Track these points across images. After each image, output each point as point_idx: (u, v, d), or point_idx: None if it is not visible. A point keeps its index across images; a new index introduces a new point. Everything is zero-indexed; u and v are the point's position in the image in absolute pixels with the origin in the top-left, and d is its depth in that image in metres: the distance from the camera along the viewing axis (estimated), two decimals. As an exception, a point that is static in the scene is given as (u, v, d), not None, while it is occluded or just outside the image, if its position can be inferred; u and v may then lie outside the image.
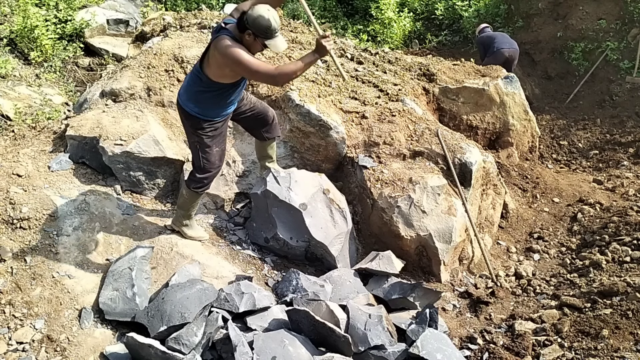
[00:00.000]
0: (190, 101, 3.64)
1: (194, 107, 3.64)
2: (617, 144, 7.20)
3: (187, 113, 3.67)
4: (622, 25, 8.64)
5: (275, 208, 4.25)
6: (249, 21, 3.31)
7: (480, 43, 7.90)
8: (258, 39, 3.36)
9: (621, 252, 4.60)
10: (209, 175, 3.89)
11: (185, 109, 3.67)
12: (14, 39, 7.16)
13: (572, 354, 3.58)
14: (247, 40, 3.38)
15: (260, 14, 3.29)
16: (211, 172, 3.88)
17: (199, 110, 3.64)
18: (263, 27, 3.31)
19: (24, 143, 4.69)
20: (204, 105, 3.63)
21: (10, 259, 3.64)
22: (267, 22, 3.30)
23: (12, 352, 3.24)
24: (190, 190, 3.93)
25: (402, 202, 4.44)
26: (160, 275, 3.81)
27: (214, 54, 3.41)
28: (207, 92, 3.57)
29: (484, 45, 7.77)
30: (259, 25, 3.30)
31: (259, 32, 3.33)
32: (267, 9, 3.32)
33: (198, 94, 3.60)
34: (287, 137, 4.87)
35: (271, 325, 3.50)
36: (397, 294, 4.01)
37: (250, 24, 3.31)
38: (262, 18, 3.29)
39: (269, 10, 3.32)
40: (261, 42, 3.38)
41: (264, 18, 3.29)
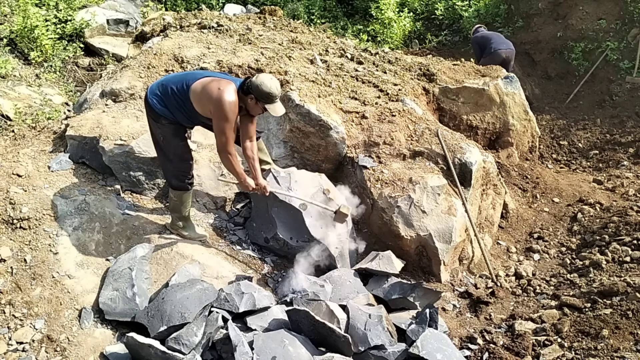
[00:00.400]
0: (157, 102, 3.74)
1: (159, 107, 3.73)
2: (617, 144, 7.20)
3: (150, 106, 3.76)
4: (622, 25, 8.65)
5: (275, 208, 4.24)
6: (253, 87, 3.60)
7: (476, 43, 7.87)
8: (259, 102, 3.64)
9: (621, 252, 4.60)
10: (180, 169, 3.90)
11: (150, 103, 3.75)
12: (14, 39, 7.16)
13: (572, 354, 3.58)
14: (250, 103, 3.67)
15: (264, 82, 3.60)
16: (181, 166, 3.90)
17: (162, 110, 3.73)
18: (265, 93, 3.60)
19: (24, 143, 4.69)
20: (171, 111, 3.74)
21: (10, 259, 3.64)
22: (269, 89, 3.60)
23: (12, 352, 3.24)
24: (174, 191, 3.96)
25: (402, 202, 4.44)
26: (160, 275, 3.81)
27: (210, 89, 3.57)
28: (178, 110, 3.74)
29: (479, 45, 7.74)
30: (262, 91, 3.59)
31: (260, 97, 3.62)
32: (271, 78, 3.64)
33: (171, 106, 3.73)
34: (287, 137, 4.87)
35: (271, 325, 3.50)
36: (397, 294, 4.01)
37: (254, 90, 3.60)
38: (264, 86, 3.59)
39: (271, 79, 3.64)
40: (262, 106, 3.67)
41: (266, 86, 3.60)
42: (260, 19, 6.81)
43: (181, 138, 3.86)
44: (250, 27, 6.21)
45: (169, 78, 3.83)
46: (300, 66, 5.46)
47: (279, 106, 3.70)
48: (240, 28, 6.14)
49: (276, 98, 3.65)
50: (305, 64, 5.60)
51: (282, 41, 6.02)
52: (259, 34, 6.08)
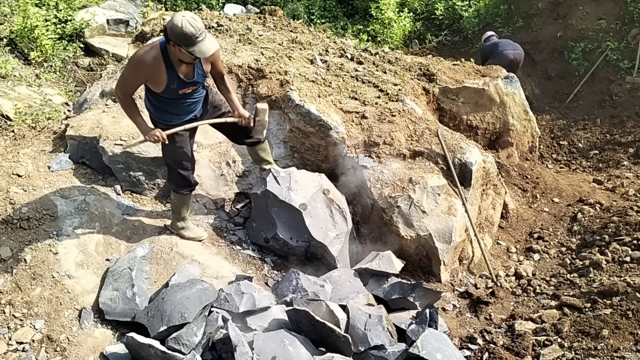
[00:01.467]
0: (146, 105, 3.73)
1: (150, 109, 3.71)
2: (617, 144, 7.20)
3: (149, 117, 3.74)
4: (622, 25, 8.64)
5: (275, 208, 4.24)
6: (168, 30, 3.17)
7: (483, 51, 7.87)
8: (182, 48, 3.20)
9: (621, 252, 4.60)
10: (181, 173, 3.87)
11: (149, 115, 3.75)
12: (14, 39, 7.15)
13: (572, 354, 3.58)
14: (173, 50, 3.26)
15: (174, 23, 3.12)
16: (181, 170, 3.87)
17: (154, 113, 3.71)
18: (180, 35, 3.13)
19: (24, 143, 4.69)
20: (155, 110, 3.69)
21: (10, 259, 3.64)
22: (181, 29, 3.11)
23: (12, 352, 3.24)
24: (175, 193, 3.96)
25: (402, 202, 4.44)
26: (160, 275, 3.81)
27: None
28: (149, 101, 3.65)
29: (486, 54, 7.73)
30: (176, 34, 3.14)
31: (178, 41, 3.17)
32: (183, 15, 3.14)
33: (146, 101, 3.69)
34: (287, 137, 4.87)
35: (271, 325, 3.50)
36: (397, 294, 4.01)
37: (170, 35, 3.17)
38: (176, 27, 3.12)
39: (183, 16, 3.13)
40: (186, 51, 3.20)
41: (178, 27, 3.11)
42: (260, 19, 6.80)
43: (180, 143, 3.78)
44: (250, 27, 6.21)
45: None
46: (300, 66, 5.46)
47: (204, 45, 3.18)
48: (240, 28, 6.14)
49: (197, 37, 3.14)
50: (305, 64, 5.60)
51: (282, 41, 6.02)
52: (259, 34, 6.08)
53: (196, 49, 3.18)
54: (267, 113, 4.06)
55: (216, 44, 3.30)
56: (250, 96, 5.06)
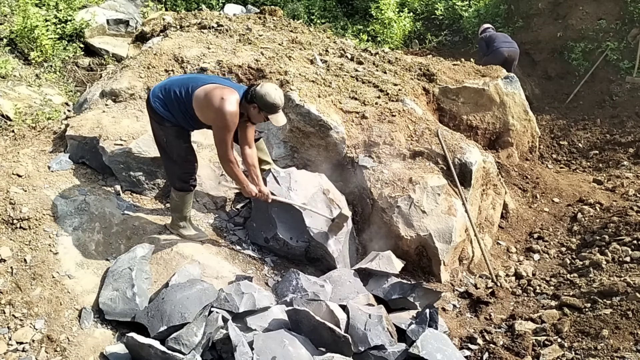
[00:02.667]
0: (161, 105, 3.73)
1: (162, 110, 3.73)
2: (617, 144, 7.20)
3: (153, 109, 3.76)
4: (622, 25, 8.64)
5: (275, 208, 4.24)
6: (257, 97, 3.60)
7: (482, 40, 7.91)
8: (262, 112, 3.65)
9: (621, 252, 4.60)
10: (184, 170, 3.90)
11: (154, 106, 3.75)
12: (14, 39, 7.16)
13: (572, 354, 3.58)
14: (252, 111, 3.68)
15: (268, 92, 3.60)
16: (185, 167, 3.90)
17: (165, 114, 3.73)
18: (269, 104, 3.61)
19: (24, 143, 4.69)
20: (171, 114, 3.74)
21: (10, 259, 3.64)
22: (273, 100, 3.61)
23: (12, 352, 3.24)
24: (177, 192, 3.96)
25: (402, 202, 4.44)
26: (160, 275, 3.81)
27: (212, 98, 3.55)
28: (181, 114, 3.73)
29: (485, 43, 7.78)
30: (266, 102, 3.60)
31: (264, 107, 3.62)
32: (275, 88, 3.66)
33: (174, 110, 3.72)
34: (287, 137, 4.87)
35: (271, 325, 3.50)
36: (397, 294, 4.01)
37: (258, 99, 3.60)
38: (269, 96, 3.60)
39: (276, 89, 3.66)
40: (264, 115, 3.67)
41: (271, 97, 3.60)
42: (260, 19, 6.80)
43: (184, 140, 3.86)
44: (250, 27, 6.21)
45: (172, 81, 3.82)
46: (300, 66, 5.46)
47: (281, 116, 3.71)
48: (240, 28, 6.14)
49: (279, 108, 3.66)
50: (305, 64, 5.60)
51: (282, 41, 6.02)
52: (259, 34, 6.08)
53: (275, 117, 3.69)
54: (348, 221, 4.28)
55: (285, 119, 3.80)
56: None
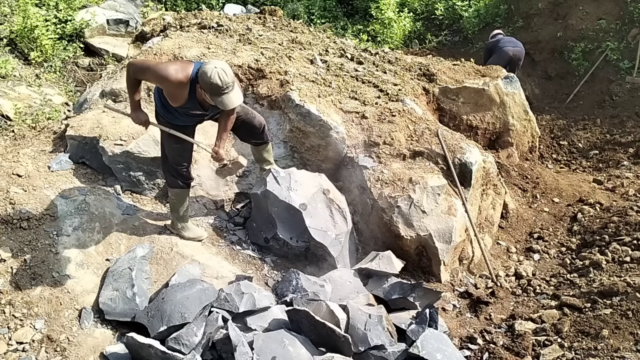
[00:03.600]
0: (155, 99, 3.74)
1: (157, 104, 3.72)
2: (617, 144, 7.20)
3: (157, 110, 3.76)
4: (622, 25, 8.64)
5: (275, 208, 4.24)
6: (199, 76, 3.25)
7: (487, 48, 7.92)
8: (206, 94, 3.30)
9: (621, 252, 4.60)
10: (173, 168, 3.89)
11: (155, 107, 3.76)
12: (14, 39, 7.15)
13: (572, 354, 3.58)
14: (200, 92, 3.36)
15: (204, 71, 3.20)
16: (174, 166, 3.88)
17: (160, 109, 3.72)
18: (207, 84, 3.22)
19: (24, 143, 4.68)
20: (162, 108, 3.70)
21: (10, 259, 3.64)
22: (209, 80, 3.19)
23: (12, 352, 3.24)
24: (172, 189, 3.98)
25: (402, 202, 4.44)
26: (160, 275, 3.81)
27: None
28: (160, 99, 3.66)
29: (489, 50, 7.79)
30: (204, 82, 3.23)
31: (204, 88, 3.26)
32: (215, 66, 3.20)
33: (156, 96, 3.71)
34: (287, 137, 4.87)
35: (271, 325, 3.50)
36: (397, 294, 4.01)
37: (199, 79, 3.26)
38: (205, 76, 3.20)
39: (215, 67, 3.20)
40: (209, 97, 3.31)
41: (207, 76, 3.19)
42: (260, 19, 6.80)
43: (175, 140, 3.79)
44: (250, 27, 6.21)
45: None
46: (300, 66, 5.46)
47: (228, 98, 3.26)
48: (240, 28, 6.14)
49: (223, 89, 3.21)
50: (305, 64, 5.60)
51: (282, 41, 6.02)
52: (259, 34, 6.07)
53: (219, 99, 3.26)
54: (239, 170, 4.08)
55: (240, 99, 3.35)
56: (250, 96, 5.06)
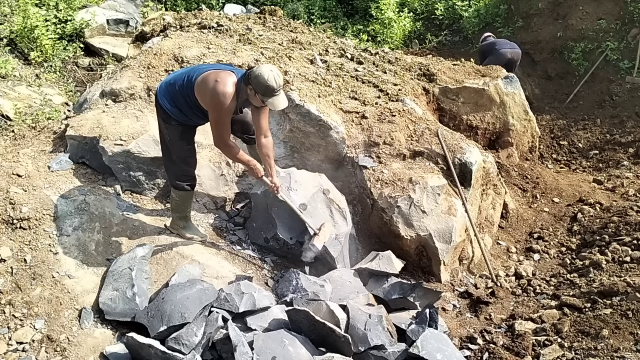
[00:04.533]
0: (167, 101, 3.71)
1: (169, 107, 3.71)
2: (617, 144, 7.20)
3: (160, 106, 3.75)
4: (622, 25, 8.65)
5: (275, 208, 4.24)
6: (252, 78, 3.45)
7: (481, 51, 7.90)
8: (257, 95, 3.48)
9: (621, 252, 4.60)
10: (182, 171, 3.90)
11: (161, 103, 3.75)
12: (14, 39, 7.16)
13: (572, 354, 3.57)
14: (249, 94, 3.53)
15: (262, 73, 3.41)
16: (183, 168, 3.89)
17: (172, 110, 3.71)
18: (263, 86, 3.42)
19: (24, 143, 4.68)
20: (178, 111, 3.71)
21: (10, 259, 3.64)
22: (266, 82, 3.40)
23: (12, 352, 3.24)
24: (176, 191, 3.96)
25: (402, 202, 4.44)
26: (160, 275, 3.81)
27: (207, 80, 3.49)
28: (187, 106, 3.68)
29: (484, 52, 7.77)
30: (259, 83, 3.42)
31: (258, 90, 3.45)
32: (270, 69, 3.44)
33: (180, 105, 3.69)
34: (287, 137, 4.87)
35: (271, 325, 3.50)
36: (397, 294, 4.01)
37: (252, 81, 3.45)
38: (262, 78, 3.41)
39: (271, 70, 3.43)
40: (260, 98, 3.49)
41: (264, 78, 3.40)
42: (260, 19, 6.81)
43: (187, 141, 3.85)
44: (250, 27, 6.21)
45: (176, 75, 3.80)
46: (300, 66, 5.46)
47: (278, 100, 3.50)
48: (240, 28, 6.14)
49: (276, 91, 3.46)
50: (305, 64, 5.60)
51: (282, 41, 6.02)
52: (259, 34, 6.08)
53: (271, 101, 3.48)
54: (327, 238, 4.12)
55: (286, 102, 3.57)
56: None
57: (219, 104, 3.47)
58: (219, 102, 3.46)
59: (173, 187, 3.97)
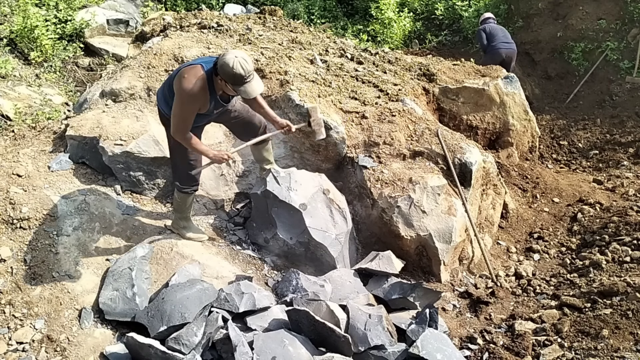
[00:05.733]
0: (164, 105, 3.68)
1: (165, 108, 3.68)
2: (617, 144, 7.20)
3: (160, 111, 3.75)
4: (622, 25, 8.65)
5: (275, 208, 4.24)
6: (219, 68, 3.29)
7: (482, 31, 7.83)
8: (228, 84, 3.34)
9: (621, 252, 4.60)
10: (186, 174, 3.88)
11: (160, 108, 3.74)
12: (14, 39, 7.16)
13: (572, 354, 3.57)
14: (220, 83, 3.40)
15: (226, 62, 3.24)
16: (189, 169, 3.88)
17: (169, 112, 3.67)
18: (230, 75, 3.26)
19: (24, 143, 4.69)
20: None
21: (10, 259, 3.64)
22: (232, 70, 3.23)
23: (12, 352, 3.24)
24: (179, 192, 3.96)
25: (402, 202, 4.44)
26: (160, 275, 3.81)
27: (177, 80, 3.42)
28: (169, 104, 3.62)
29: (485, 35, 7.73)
30: (226, 73, 3.27)
31: (227, 79, 3.30)
32: (235, 55, 3.25)
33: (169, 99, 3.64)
34: (287, 137, 4.87)
35: (271, 325, 3.50)
36: (397, 294, 4.01)
37: (220, 72, 3.30)
38: (227, 66, 3.24)
39: (236, 56, 3.25)
40: (232, 88, 3.35)
41: (229, 66, 3.23)
42: (260, 19, 6.81)
43: None
44: (250, 27, 6.21)
45: (170, 77, 3.80)
46: (300, 66, 5.46)
47: (251, 87, 3.32)
48: (240, 28, 6.14)
49: (245, 78, 3.27)
50: (305, 64, 5.60)
51: (282, 41, 6.02)
52: (259, 34, 6.08)
53: (242, 89, 3.32)
54: (319, 110, 4.04)
55: (261, 86, 3.41)
56: (250, 96, 5.05)
57: (181, 99, 3.37)
58: (181, 97, 3.36)
59: (177, 189, 3.97)
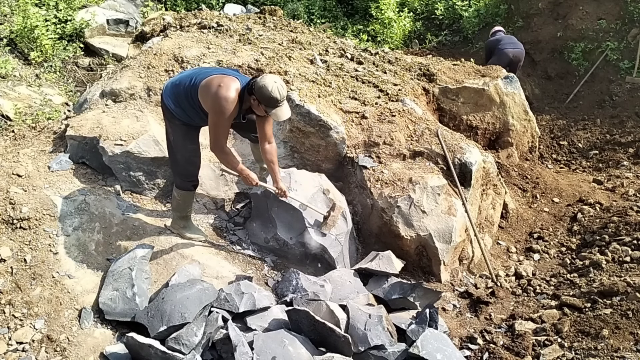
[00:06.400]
0: (172, 102, 3.72)
1: (173, 107, 3.73)
2: (617, 144, 7.20)
3: (165, 106, 3.78)
4: (622, 25, 8.65)
5: (275, 208, 4.25)
6: (255, 88, 3.49)
7: (487, 47, 7.87)
8: (261, 105, 3.52)
9: (621, 252, 4.60)
10: (186, 171, 3.92)
11: (166, 103, 3.77)
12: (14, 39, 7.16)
13: (572, 354, 3.57)
14: (253, 103, 3.58)
15: (265, 85, 3.45)
16: (187, 168, 3.91)
17: (176, 110, 3.73)
18: (266, 97, 3.47)
19: (24, 143, 4.68)
20: (181, 112, 3.73)
21: (10, 259, 3.64)
22: (269, 93, 3.45)
23: (12, 352, 3.24)
24: (178, 190, 3.97)
25: (402, 202, 4.44)
26: (160, 275, 3.81)
27: (211, 84, 3.52)
28: (191, 108, 3.70)
29: (489, 50, 7.74)
30: (263, 94, 3.47)
31: (262, 100, 3.49)
32: (274, 81, 3.48)
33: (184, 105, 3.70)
34: (287, 137, 4.87)
35: (271, 325, 3.50)
36: (397, 294, 4.01)
37: (256, 92, 3.49)
38: (265, 89, 3.45)
39: (275, 82, 3.48)
40: (264, 109, 3.54)
41: (267, 89, 3.45)
42: (260, 19, 6.81)
43: (191, 141, 3.86)
44: (250, 27, 6.21)
45: (182, 76, 3.82)
46: (300, 66, 5.46)
47: (281, 111, 3.55)
48: (240, 28, 6.14)
49: (279, 102, 3.50)
50: (305, 64, 5.60)
51: (282, 41, 6.02)
52: (259, 34, 6.08)
53: (274, 112, 3.53)
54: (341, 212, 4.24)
55: (289, 112, 3.64)
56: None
57: (220, 108, 3.49)
58: (220, 106, 3.48)
59: (176, 186, 3.98)
